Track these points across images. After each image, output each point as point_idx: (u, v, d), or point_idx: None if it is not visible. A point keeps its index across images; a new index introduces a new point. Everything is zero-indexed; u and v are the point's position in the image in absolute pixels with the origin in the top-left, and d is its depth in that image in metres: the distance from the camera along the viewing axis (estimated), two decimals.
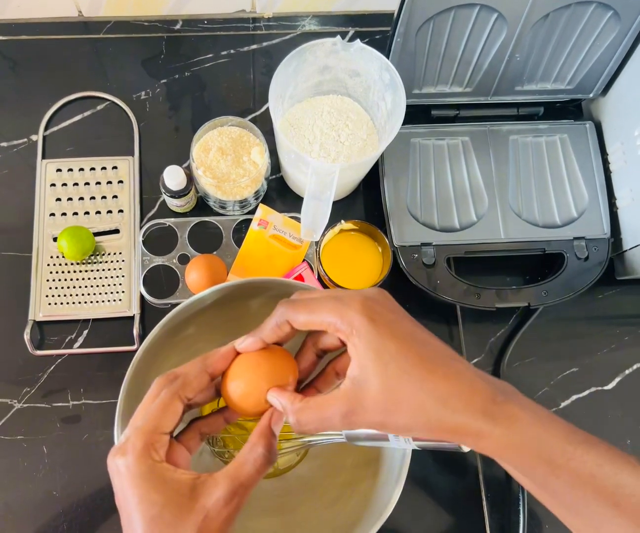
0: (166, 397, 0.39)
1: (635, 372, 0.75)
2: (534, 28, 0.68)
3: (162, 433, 0.38)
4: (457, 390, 0.35)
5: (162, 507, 0.35)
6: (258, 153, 0.73)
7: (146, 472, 0.36)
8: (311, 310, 0.39)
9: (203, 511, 0.36)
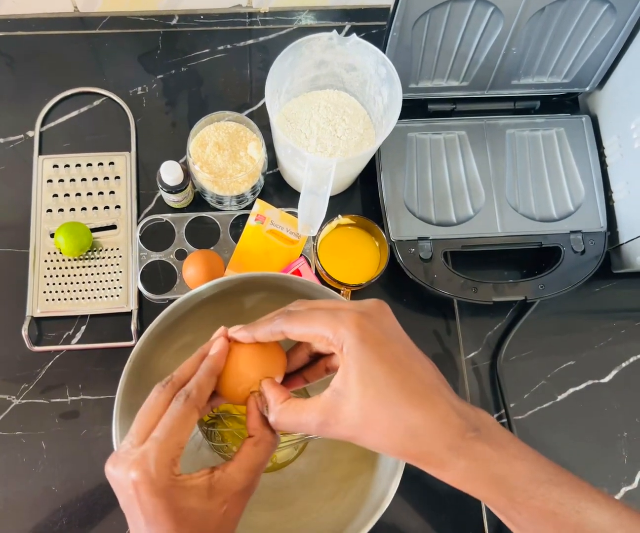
0: (186, 410, 0.39)
1: (631, 365, 0.76)
2: (530, 22, 0.68)
3: (182, 447, 0.38)
4: (427, 422, 0.37)
5: (187, 513, 0.36)
6: (255, 148, 0.73)
7: (170, 486, 0.36)
8: (306, 323, 0.40)
9: (223, 506, 0.38)
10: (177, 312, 0.57)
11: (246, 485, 0.39)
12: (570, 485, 0.37)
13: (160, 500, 0.36)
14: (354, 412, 0.37)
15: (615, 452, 0.72)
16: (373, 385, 0.37)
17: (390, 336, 0.39)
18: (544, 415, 0.73)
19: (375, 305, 0.41)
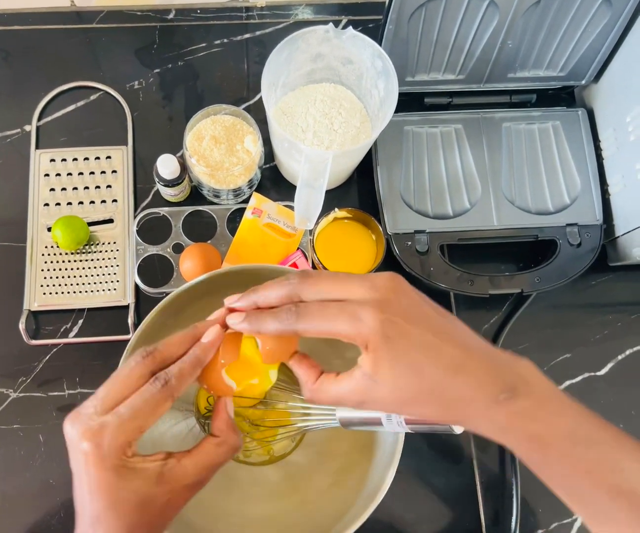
0: (160, 397, 0.38)
1: (627, 357, 0.76)
2: (526, 14, 0.68)
3: (144, 432, 0.38)
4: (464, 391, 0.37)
5: (129, 492, 0.36)
6: (251, 141, 0.73)
7: (119, 466, 0.36)
8: (322, 323, 0.38)
9: (168, 494, 0.38)
10: (174, 304, 0.57)
11: (197, 480, 0.39)
12: (610, 443, 0.37)
13: (105, 474, 0.36)
14: (389, 396, 0.37)
15: None
16: (404, 374, 0.37)
17: (413, 319, 0.38)
18: None
19: (390, 285, 0.39)
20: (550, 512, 0.69)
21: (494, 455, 0.71)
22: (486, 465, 0.71)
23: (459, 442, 0.71)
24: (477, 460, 0.71)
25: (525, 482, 0.69)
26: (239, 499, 0.64)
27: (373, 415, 0.51)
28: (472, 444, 0.71)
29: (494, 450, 0.71)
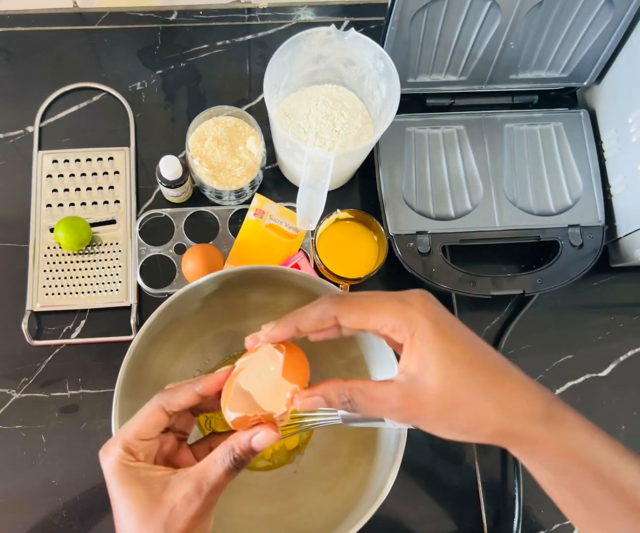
0: (150, 407, 0.41)
1: (629, 358, 0.76)
2: (528, 16, 0.68)
3: (141, 440, 0.41)
4: (517, 396, 0.36)
5: (134, 500, 0.38)
6: (253, 142, 0.73)
7: (121, 471, 0.39)
8: (367, 309, 0.38)
9: (170, 504, 0.38)
10: (176, 305, 0.57)
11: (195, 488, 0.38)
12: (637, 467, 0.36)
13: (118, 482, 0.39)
14: (439, 395, 0.35)
15: None
16: (455, 365, 0.35)
17: (455, 318, 0.38)
18: None
19: (426, 294, 0.39)
20: (552, 513, 0.69)
21: (496, 456, 0.71)
22: (488, 465, 0.71)
23: (461, 443, 0.71)
24: (479, 461, 0.71)
25: (527, 483, 0.69)
26: (239, 500, 0.64)
27: None
28: (474, 445, 0.71)
29: (495, 451, 0.71)
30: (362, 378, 0.39)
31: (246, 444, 0.40)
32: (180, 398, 0.42)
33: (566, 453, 0.36)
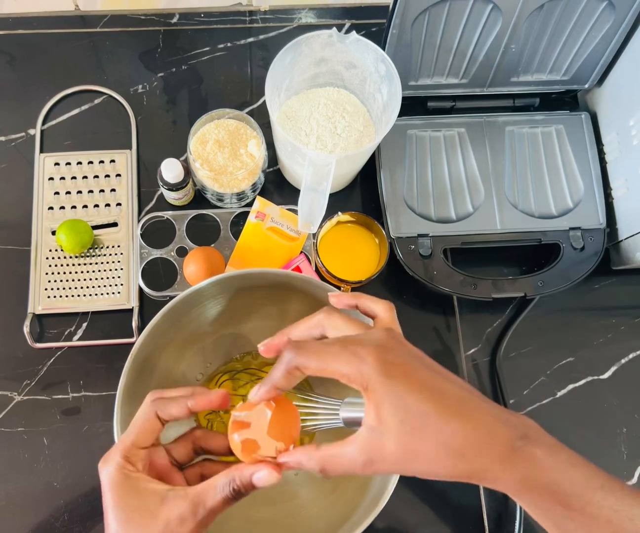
0: (145, 415, 0.42)
1: (631, 361, 0.76)
2: (529, 19, 0.68)
3: (139, 448, 0.41)
4: (474, 439, 0.36)
5: (131, 511, 0.38)
6: (255, 145, 0.73)
7: (121, 481, 0.39)
8: (323, 359, 0.39)
9: (165, 521, 0.38)
10: (178, 308, 0.57)
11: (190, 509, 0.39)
12: (623, 492, 0.36)
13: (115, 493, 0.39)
14: (396, 447, 0.36)
15: (615, 447, 0.72)
16: (409, 417, 0.36)
17: (412, 364, 0.39)
18: (543, 411, 0.73)
19: (387, 336, 0.40)
20: None
21: None
22: None
23: None
24: None
25: None
26: (240, 502, 0.64)
27: None
28: None
29: None
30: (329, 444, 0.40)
31: (247, 479, 0.40)
32: (172, 408, 0.43)
33: (532, 488, 0.36)
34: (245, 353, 0.70)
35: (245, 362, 0.70)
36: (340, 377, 0.38)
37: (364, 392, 0.37)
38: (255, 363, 0.70)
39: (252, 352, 0.70)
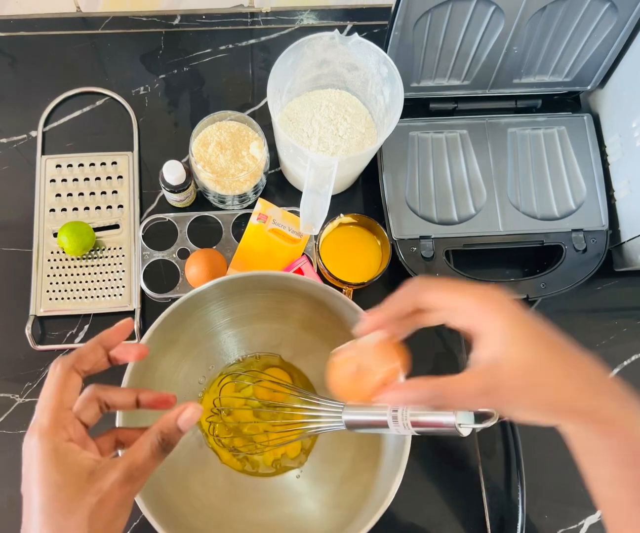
0: (63, 372, 0.40)
1: (633, 363, 0.76)
2: (532, 20, 0.68)
3: (67, 409, 0.39)
4: (596, 375, 0.38)
5: (60, 488, 0.37)
6: (257, 147, 0.73)
7: (51, 450, 0.37)
8: (448, 290, 0.40)
9: (98, 494, 0.37)
10: (180, 311, 0.57)
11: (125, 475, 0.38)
12: None
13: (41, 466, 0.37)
14: (526, 371, 0.37)
15: None
16: (540, 345, 0.38)
17: None
18: None
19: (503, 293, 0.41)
20: (556, 518, 0.69)
21: (500, 461, 0.71)
22: (492, 471, 0.70)
23: (465, 448, 0.71)
24: (483, 466, 0.70)
25: (530, 488, 0.69)
26: (242, 505, 0.64)
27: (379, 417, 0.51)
28: (477, 450, 0.71)
29: (499, 456, 0.71)
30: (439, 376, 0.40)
31: (173, 424, 0.40)
32: (89, 356, 0.41)
33: None
34: (248, 356, 0.70)
35: (248, 364, 0.70)
36: (463, 310, 0.40)
37: (487, 322, 0.39)
38: (257, 365, 0.70)
39: (255, 354, 0.70)
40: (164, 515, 0.53)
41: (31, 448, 0.38)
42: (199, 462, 0.64)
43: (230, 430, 0.67)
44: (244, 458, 0.66)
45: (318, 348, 0.68)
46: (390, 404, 0.43)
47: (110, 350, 0.43)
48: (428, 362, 0.74)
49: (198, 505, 0.61)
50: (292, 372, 0.70)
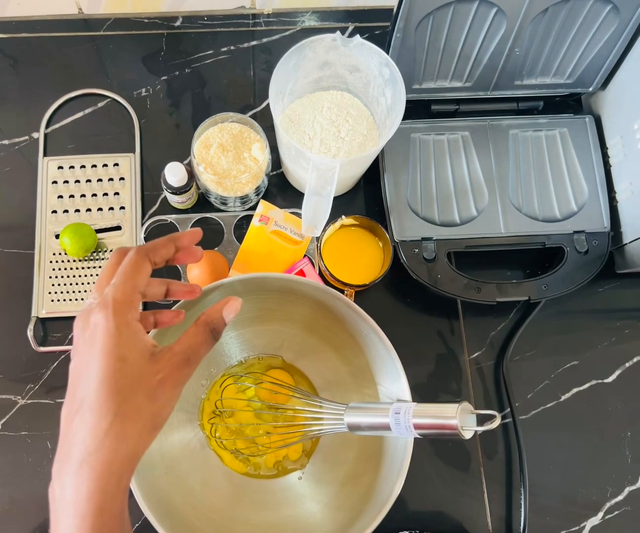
0: (138, 257, 0.41)
1: (635, 364, 0.76)
2: (533, 22, 0.68)
3: (138, 291, 0.41)
4: None
5: (127, 362, 0.37)
6: (259, 149, 0.73)
7: (123, 325, 0.38)
8: None
9: (160, 373, 0.39)
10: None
11: (184, 358, 0.40)
12: None
13: (112, 339, 0.37)
14: None
15: (619, 451, 0.72)
16: None
17: None
18: (547, 415, 0.73)
19: None
20: (558, 520, 0.69)
21: (502, 464, 0.71)
22: (494, 473, 0.70)
23: (467, 450, 0.71)
24: (485, 469, 0.71)
25: (532, 489, 0.69)
26: (244, 507, 0.64)
27: (381, 419, 0.52)
28: (479, 453, 0.71)
29: (501, 458, 0.71)
30: None
31: (219, 314, 0.44)
32: (162, 250, 0.43)
33: None
34: (250, 357, 0.70)
35: (250, 365, 0.70)
36: None
37: None
38: (259, 367, 0.70)
39: (257, 356, 0.70)
40: (166, 516, 0.54)
41: (99, 321, 0.38)
42: (200, 463, 0.65)
43: (232, 431, 0.67)
44: (245, 459, 0.66)
45: (320, 350, 0.68)
46: None
47: (180, 251, 0.45)
48: (429, 362, 0.74)
49: (200, 506, 0.61)
50: (294, 374, 0.70)
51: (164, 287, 0.46)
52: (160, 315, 0.47)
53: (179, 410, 0.64)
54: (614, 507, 0.70)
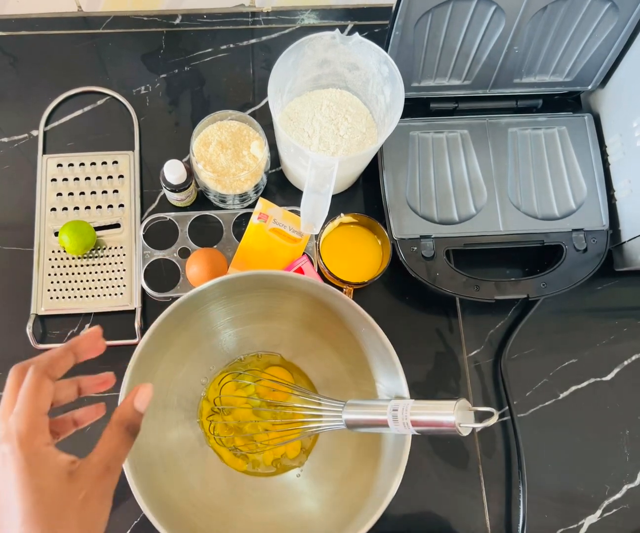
0: (36, 377, 0.39)
1: (633, 363, 0.76)
2: (532, 20, 0.68)
3: (43, 414, 0.39)
4: None
5: (44, 492, 0.36)
6: (258, 147, 0.73)
7: (31, 456, 0.36)
8: None
9: (82, 491, 0.37)
10: (181, 310, 0.57)
11: (104, 468, 0.38)
12: None
13: (22, 472, 0.36)
14: None
15: (617, 449, 0.72)
16: None
17: None
18: (546, 413, 0.73)
19: None
20: (556, 518, 0.69)
21: (500, 461, 0.71)
22: (492, 471, 0.71)
23: (465, 448, 0.71)
24: (483, 467, 0.71)
25: (531, 487, 0.69)
26: (243, 504, 0.64)
27: (379, 416, 0.52)
28: (478, 450, 0.71)
29: (500, 456, 0.71)
30: None
31: (130, 408, 0.41)
32: (60, 362, 0.41)
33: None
34: (249, 355, 0.70)
35: (248, 363, 0.70)
36: None
37: None
38: (258, 364, 0.70)
39: (256, 354, 0.70)
40: (165, 513, 0.54)
41: (7, 454, 0.36)
42: (199, 461, 0.65)
43: (231, 429, 0.67)
44: (244, 457, 0.66)
45: (319, 348, 0.68)
46: None
47: (80, 359, 0.43)
48: (427, 359, 0.74)
49: (198, 504, 0.61)
50: (293, 371, 0.70)
51: (75, 385, 0.45)
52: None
53: (177, 408, 0.64)
54: (612, 504, 0.70)
